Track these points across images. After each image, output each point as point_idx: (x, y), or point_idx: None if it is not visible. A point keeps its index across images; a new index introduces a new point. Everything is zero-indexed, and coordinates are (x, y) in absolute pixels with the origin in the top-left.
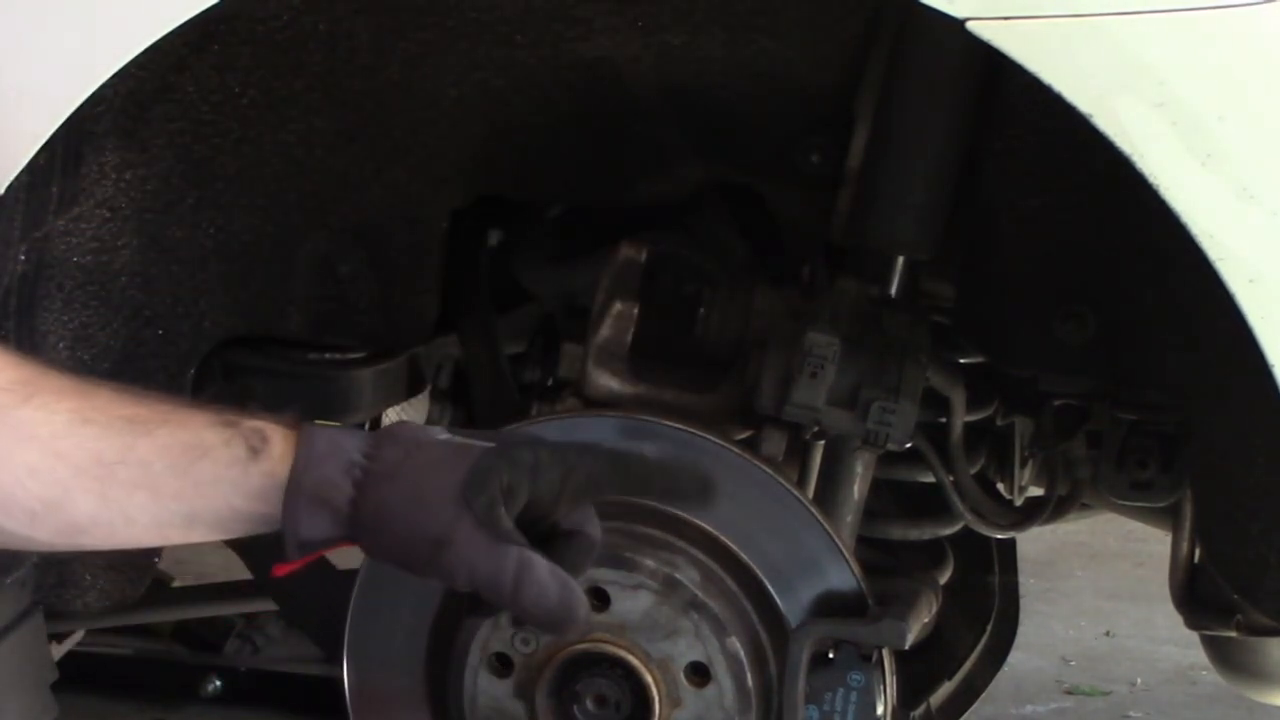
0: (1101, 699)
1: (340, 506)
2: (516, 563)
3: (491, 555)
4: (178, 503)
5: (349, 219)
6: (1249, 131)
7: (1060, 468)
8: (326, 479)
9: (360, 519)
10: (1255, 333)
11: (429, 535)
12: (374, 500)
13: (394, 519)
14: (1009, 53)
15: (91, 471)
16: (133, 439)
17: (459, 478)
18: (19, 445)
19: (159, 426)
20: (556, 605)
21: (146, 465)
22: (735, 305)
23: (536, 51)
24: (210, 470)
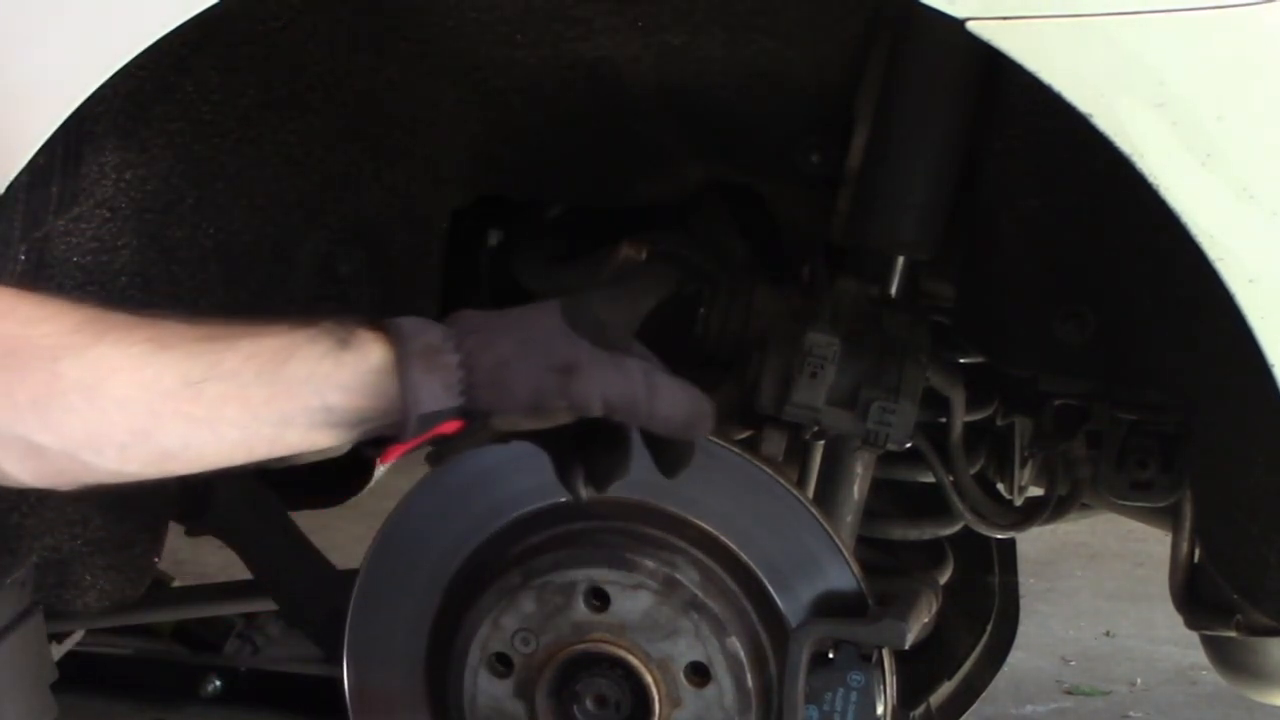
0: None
1: (451, 371)
2: (643, 374)
3: (620, 370)
4: (269, 408)
5: (349, 219)
6: (1249, 131)
7: (1060, 468)
8: (432, 346)
9: (476, 378)
10: (1255, 333)
11: (554, 365)
12: (485, 355)
13: (512, 364)
14: (1009, 53)
15: (179, 394)
16: (216, 355)
17: (555, 317)
18: (102, 380)
19: (240, 339)
20: (690, 406)
21: (235, 376)
22: (735, 305)
23: (536, 51)
24: (301, 368)
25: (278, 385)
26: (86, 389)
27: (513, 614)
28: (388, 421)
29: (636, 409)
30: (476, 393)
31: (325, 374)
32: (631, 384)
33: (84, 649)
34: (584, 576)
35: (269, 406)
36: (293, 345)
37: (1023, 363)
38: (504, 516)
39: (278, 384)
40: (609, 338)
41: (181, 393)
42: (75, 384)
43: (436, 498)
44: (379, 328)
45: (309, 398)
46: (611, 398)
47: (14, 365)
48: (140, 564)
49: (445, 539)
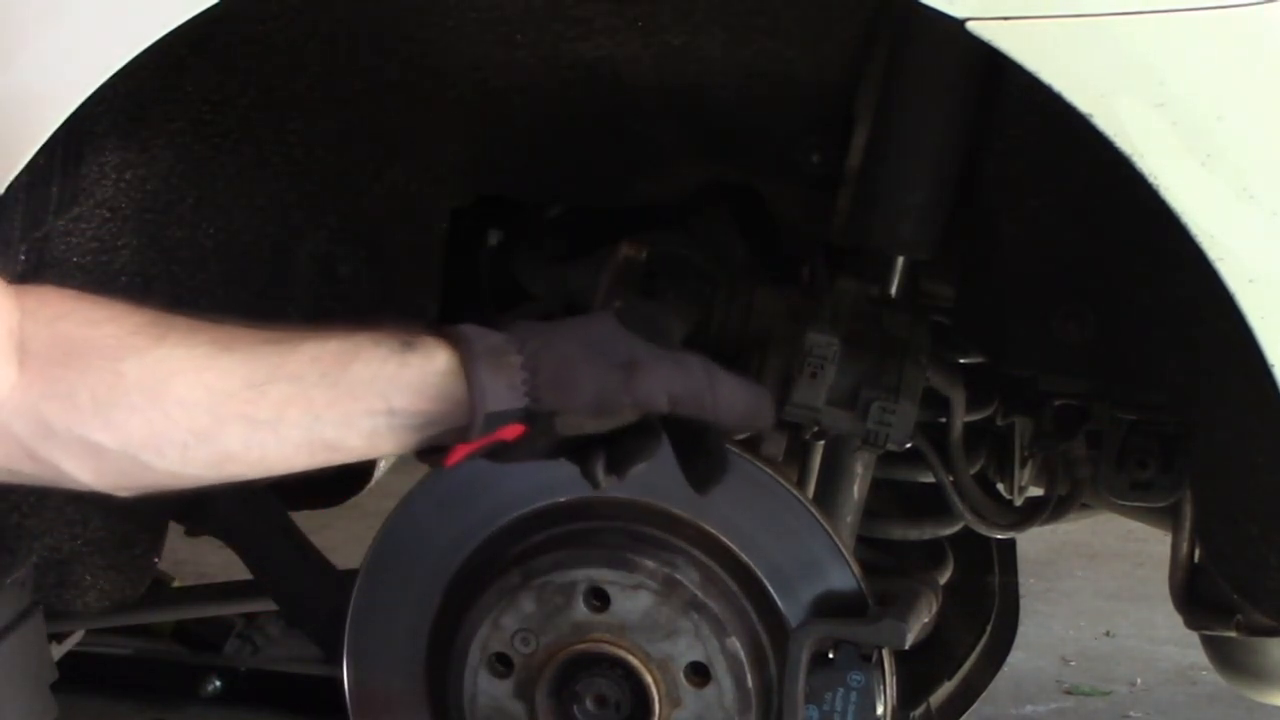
0: (1101, 699)
1: (516, 372)
2: (704, 370)
3: (681, 367)
4: (332, 411)
5: (349, 219)
6: (1249, 131)
7: (1060, 468)
8: (496, 347)
9: (539, 380)
10: (1255, 333)
11: (617, 363)
12: (548, 355)
13: (575, 364)
14: (1009, 53)
15: (241, 395)
16: (280, 357)
17: (612, 320)
18: (164, 381)
19: (303, 342)
20: (752, 397)
21: (298, 379)
22: (735, 305)
23: (536, 51)
24: (365, 370)
25: (341, 387)
26: (149, 389)
27: (513, 614)
28: (451, 425)
29: (701, 401)
30: (541, 393)
31: (389, 376)
32: (694, 378)
33: (84, 649)
34: (584, 576)
35: (332, 409)
36: (356, 348)
37: (1023, 363)
38: (504, 516)
39: (341, 386)
40: (664, 339)
41: (244, 394)
42: (137, 384)
43: (436, 498)
44: (441, 333)
45: (373, 400)
46: (676, 391)
47: (75, 365)
48: (140, 564)
49: (445, 539)
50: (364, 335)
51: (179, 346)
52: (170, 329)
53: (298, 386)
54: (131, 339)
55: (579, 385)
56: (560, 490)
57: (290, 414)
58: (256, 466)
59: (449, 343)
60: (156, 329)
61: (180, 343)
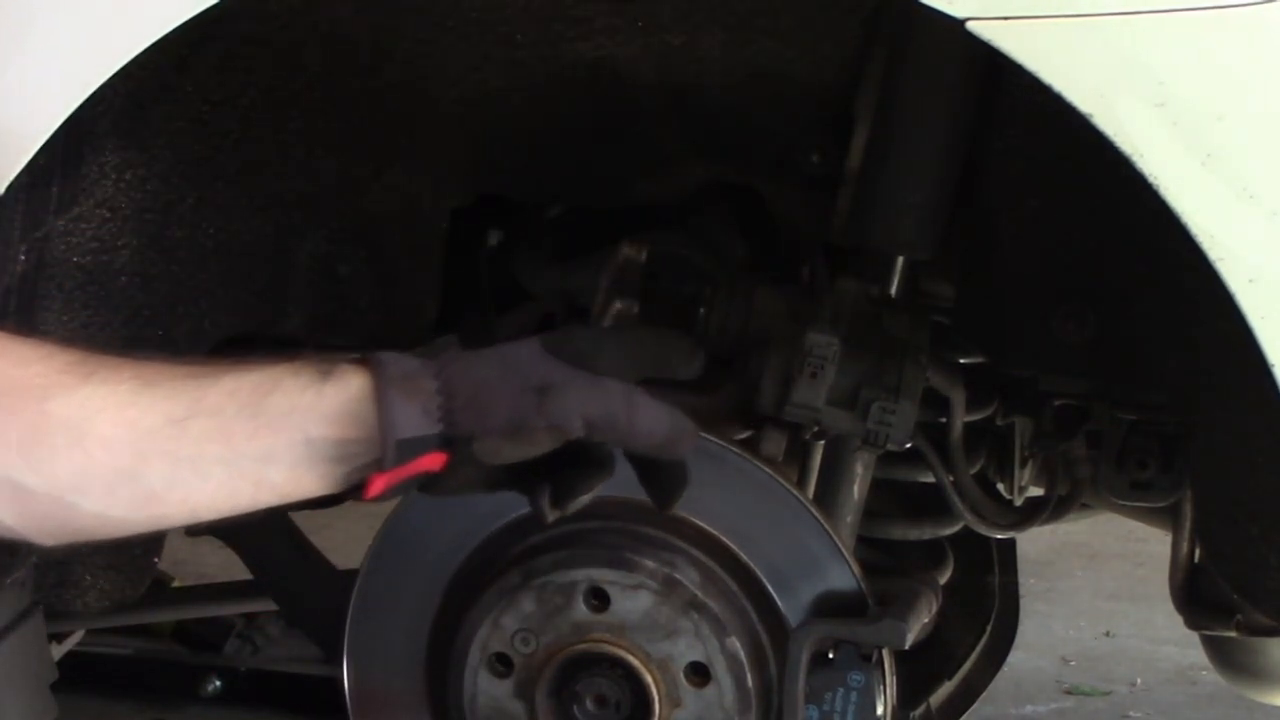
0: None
1: (430, 397)
2: (623, 393)
3: (598, 389)
4: (252, 444)
5: (349, 219)
6: (1249, 131)
7: (1060, 468)
8: (411, 372)
9: (454, 405)
10: (1255, 333)
11: (531, 386)
12: (463, 380)
13: (490, 387)
14: (1009, 53)
15: (163, 432)
16: (200, 391)
17: (534, 345)
18: (88, 420)
19: (224, 375)
20: (670, 425)
21: (217, 412)
22: (735, 305)
23: (536, 51)
24: (283, 401)
25: (260, 419)
26: (73, 429)
27: (513, 614)
28: (370, 455)
29: (616, 425)
30: (455, 417)
31: (307, 406)
32: (611, 401)
33: (84, 649)
34: (584, 576)
35: (252, 442)
36: (275, 379)
37: (1023, 363)
38: (504, 516)
39: (260, 418)
40: (589, 365)
41: (165, 431)
42: (62, 424)
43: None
44: (359, 360)
45: (291, 431)
46: (591, 414)
47: (5, 405)
48: (140, 564)
49: (445, 539)
50: (283, 366)
51: (104, 384)
52: (97, 367)
53: (217, 420)
54: (59, 378)
55: (492, 408)
56: None
57: (210, 449)
58: (181, 508)
59: (367, 369)
60: (84, 367)
61: (105, 380)
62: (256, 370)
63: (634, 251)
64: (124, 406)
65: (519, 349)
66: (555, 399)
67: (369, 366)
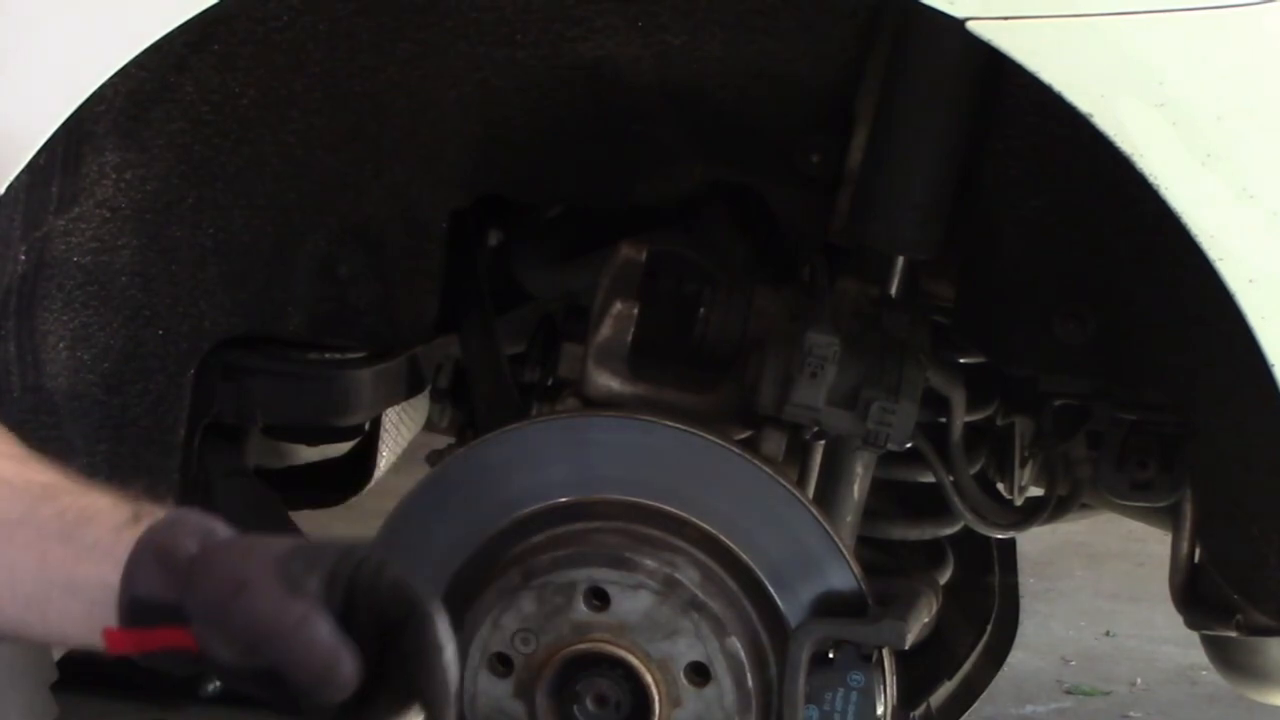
0: (1101, 699)
1: (181, 564)
2: (300, 614)
3: (279, 601)
4: (59, 571)
5: (349, 219)
6: (1249, 131)
7: (1060, 468)
8: (177, 535)
9: (192, 573)
10: (1255, 333)
11: (235, 578)
12: (209, 555)
13: (215, 567)
14: (1008, 52)
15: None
16: (39, 503)
17: (288, 545)
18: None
19: (66, 494)
20: (323, 660)
21: (42, 527)
22: (735, 305)
23: (536, 51)
24: (93, 534)
25: (71, 547)
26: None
27: (513, 614)
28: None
29: (273, 638)
30: (185, 588)
31: (108, 546)
32: (280, 616)
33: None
34: (584, 576)
35: (60, 569)
36: (95, 509)
37: (1023, 363)
38: (504, 516)
39: (71, 546)
40: (302, 580)
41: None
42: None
43: (436, 498)
44: (162, 512)
45: (91, 568)
46: (256, 622)
47: None
48: None
49: (445, 539)
50: (111, 499)
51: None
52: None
53: (39, 535)
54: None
55: (202, 589)
56: (560, 489)
57: (27, 561)
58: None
59: (162, 517)
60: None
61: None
62: (91, 496)
63: (634, 251)
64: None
65: (273, 545)
66: (240, 599)
67: (163, 516)
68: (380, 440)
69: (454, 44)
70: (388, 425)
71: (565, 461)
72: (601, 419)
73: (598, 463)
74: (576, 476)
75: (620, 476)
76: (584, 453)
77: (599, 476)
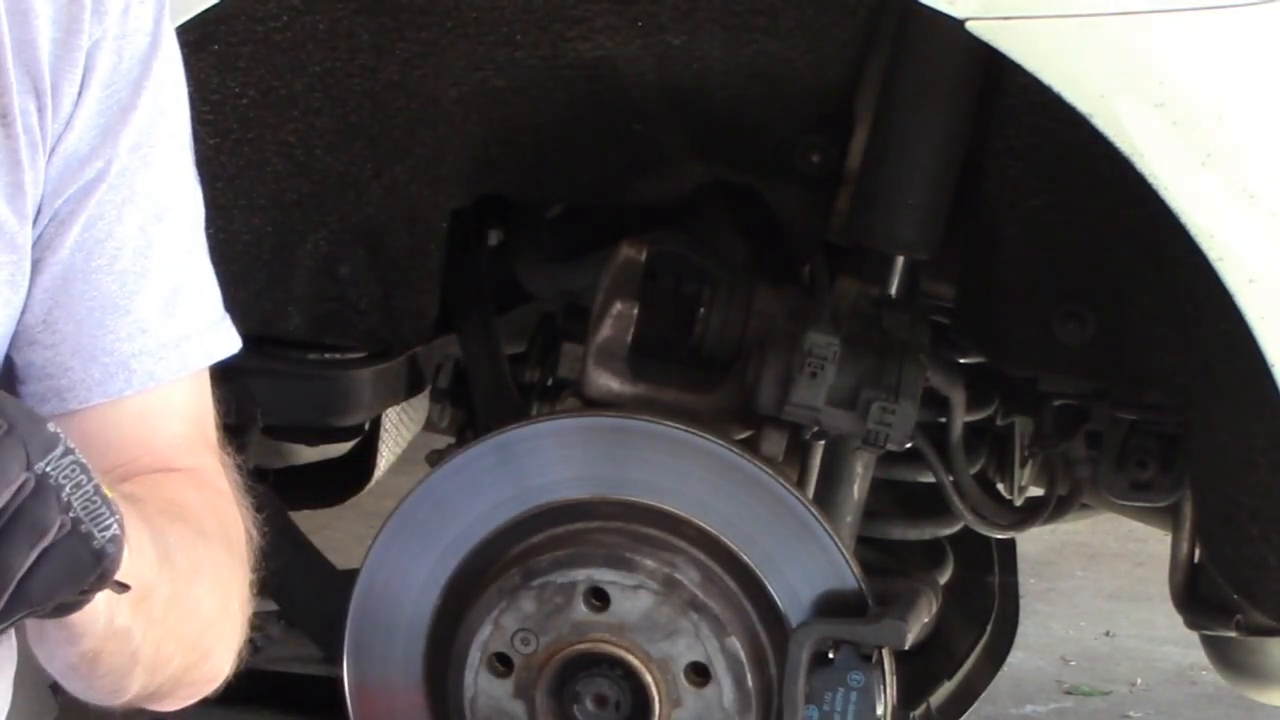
0: (1101, 699)
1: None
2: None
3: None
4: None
5: (349, 219)
6: (1249, 131)
7: (1060, 468)
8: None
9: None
10: (1255, 333)
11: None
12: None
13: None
14: (1008, 53)
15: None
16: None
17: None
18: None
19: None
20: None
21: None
22: (735, 305)
23: (536, 51)
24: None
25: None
26: None
27: (513, 614)
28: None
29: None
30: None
31: None
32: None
33: None
34: (584, 576)
35: None
36: None
37: (1022, 363)
38: (504, 516)
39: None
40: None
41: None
42: None
43: (436, 497)
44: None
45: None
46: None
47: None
48: None
49: (445, 539)
50: None
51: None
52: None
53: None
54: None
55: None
56: (561, 490)
57: None
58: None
59: None
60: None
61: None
62: None
63: (634, 251)
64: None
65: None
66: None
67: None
68: (380, 440)
69: (454, 44)
70: (388, 425)
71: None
72: (601, 419)
73: (598, 463)
74: (578, 476)
75: (619, 476)
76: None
77: (599, 476)
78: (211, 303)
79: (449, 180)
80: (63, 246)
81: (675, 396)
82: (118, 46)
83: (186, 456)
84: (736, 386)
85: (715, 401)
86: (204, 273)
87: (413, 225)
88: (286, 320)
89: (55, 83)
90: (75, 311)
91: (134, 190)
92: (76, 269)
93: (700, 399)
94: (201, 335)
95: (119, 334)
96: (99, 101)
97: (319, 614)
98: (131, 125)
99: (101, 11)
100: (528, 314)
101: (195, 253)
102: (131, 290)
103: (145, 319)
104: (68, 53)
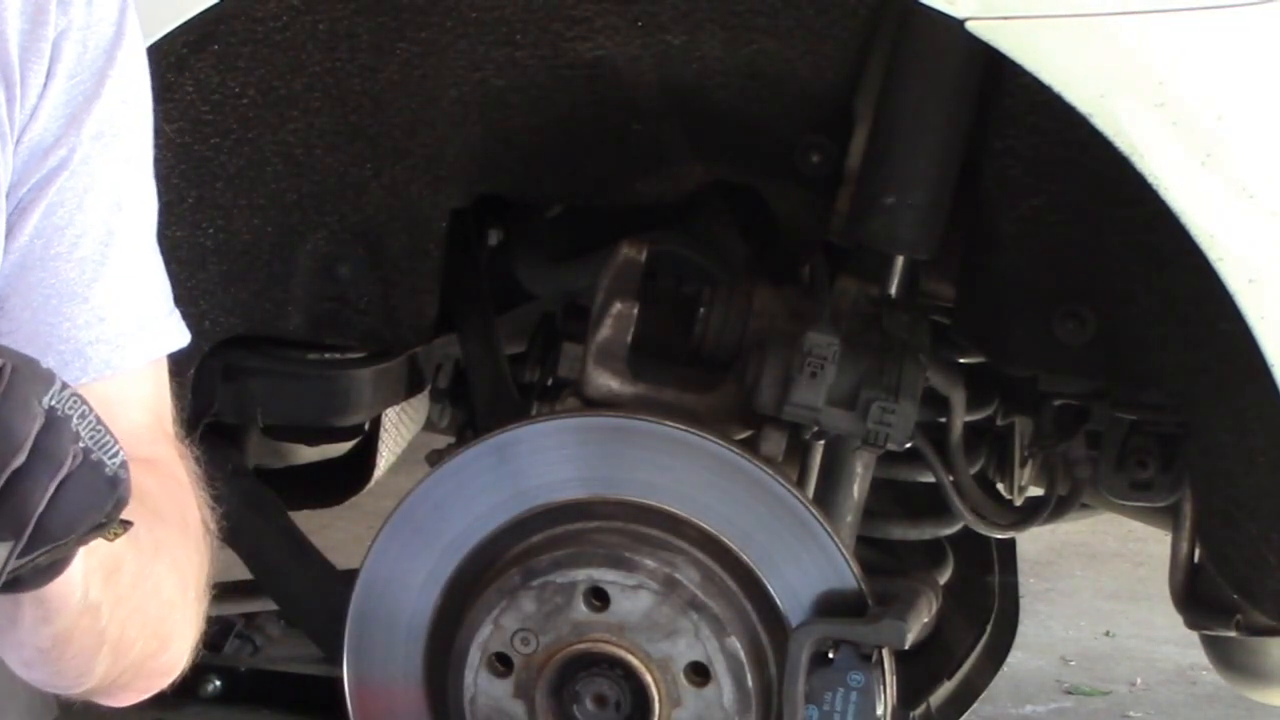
0: (1101, 699)
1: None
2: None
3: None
4: None
5: (349, 219)
6: (1249, 131)
7: (1060, 468)
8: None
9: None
10: (1255, 333)
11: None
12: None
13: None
14: (1008, 52)
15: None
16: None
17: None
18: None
19: None
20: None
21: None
22: (735, 305)
23: (536, 51)
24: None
25: None
26: None
27: (513, 614)
28: None
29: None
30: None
31: None
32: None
33: None
34: (584, 576)
35: None
36: None
37: (1023, 363)
38: (504, 516)
39: None
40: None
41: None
42: None
43: (436, 498)
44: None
45: None
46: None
47: None
48: None
49: (445, 539)
50: None
51: None
52: None
53: None
54: None
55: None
56: (561, 489)
57: None
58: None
59: None
60: None
61: None
62: None
63: (634, 251)
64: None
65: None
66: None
67: None
68: (380, 440)
69: (454, 44)
70: (388, 425)
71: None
72: (601, 419)
73: (598, 463)
74: (577, 477)
75: (619, 476)
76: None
77: (599, 476)
78: (165, 293)
79: (449, 180)
80: (22, 233)
81: (675, 396)
82: (83, 37)
83: (145, 445)
84: (736, 386)
85: (715, 401)
86: (158, 263)
87: (413, 225)
88: (286, 320)
89: (23, 73)
90: (31, 299)
91: (95, 178)
92: (35, 256)
93: (700, 399)
94: (158, 324)
95: (76, 321)
96: (64, 91)
97: (319, 614)
98: (95, 114)
99: (67, 2)
100: (528, 314)
101: (151, 242)
102: (90, 278)
103: (103, 307)
104: (34, 43)
